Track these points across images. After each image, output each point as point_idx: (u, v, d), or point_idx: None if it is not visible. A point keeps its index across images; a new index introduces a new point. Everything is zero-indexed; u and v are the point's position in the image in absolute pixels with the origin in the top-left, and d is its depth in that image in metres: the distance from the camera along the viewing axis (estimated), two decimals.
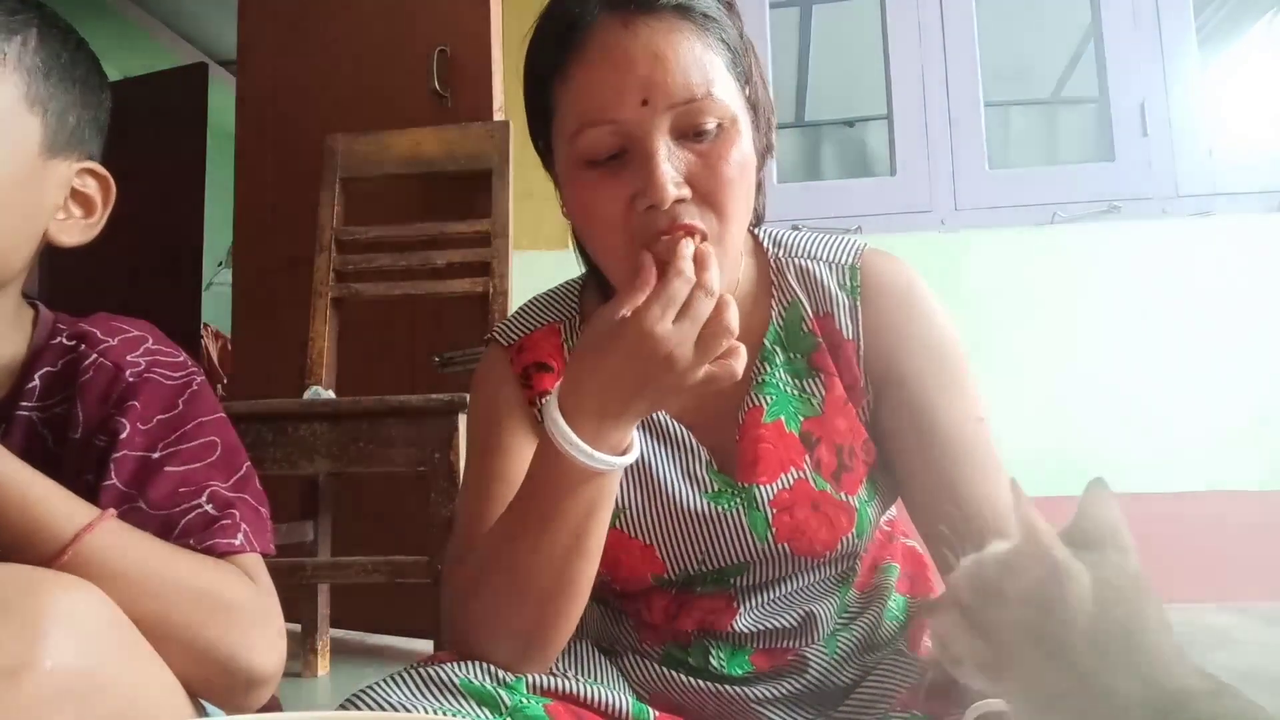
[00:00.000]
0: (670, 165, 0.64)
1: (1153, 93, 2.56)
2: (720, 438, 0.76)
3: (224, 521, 0.66)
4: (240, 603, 0.64)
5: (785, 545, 0.73)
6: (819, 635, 0.77)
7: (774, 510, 0.73)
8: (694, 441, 0.76)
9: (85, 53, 0.71)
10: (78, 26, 0.72)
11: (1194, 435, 2.35)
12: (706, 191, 0.66)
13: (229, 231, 2.63)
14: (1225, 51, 4.46)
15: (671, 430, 0.77)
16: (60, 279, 0.74)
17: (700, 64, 0.65)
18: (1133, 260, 2.44)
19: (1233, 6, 4.23)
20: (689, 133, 0.66)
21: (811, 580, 0.76)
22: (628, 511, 0.75)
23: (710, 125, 0.66)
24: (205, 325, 4.12)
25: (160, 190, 3.85)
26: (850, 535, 0.73)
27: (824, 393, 0.75)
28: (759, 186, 0.75)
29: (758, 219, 0.79)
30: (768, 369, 0.76)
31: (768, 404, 0.75)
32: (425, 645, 1.99)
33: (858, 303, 0.76)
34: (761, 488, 0.73)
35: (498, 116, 2.12)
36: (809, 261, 0.78)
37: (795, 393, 0.75)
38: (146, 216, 3.85)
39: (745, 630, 0.75)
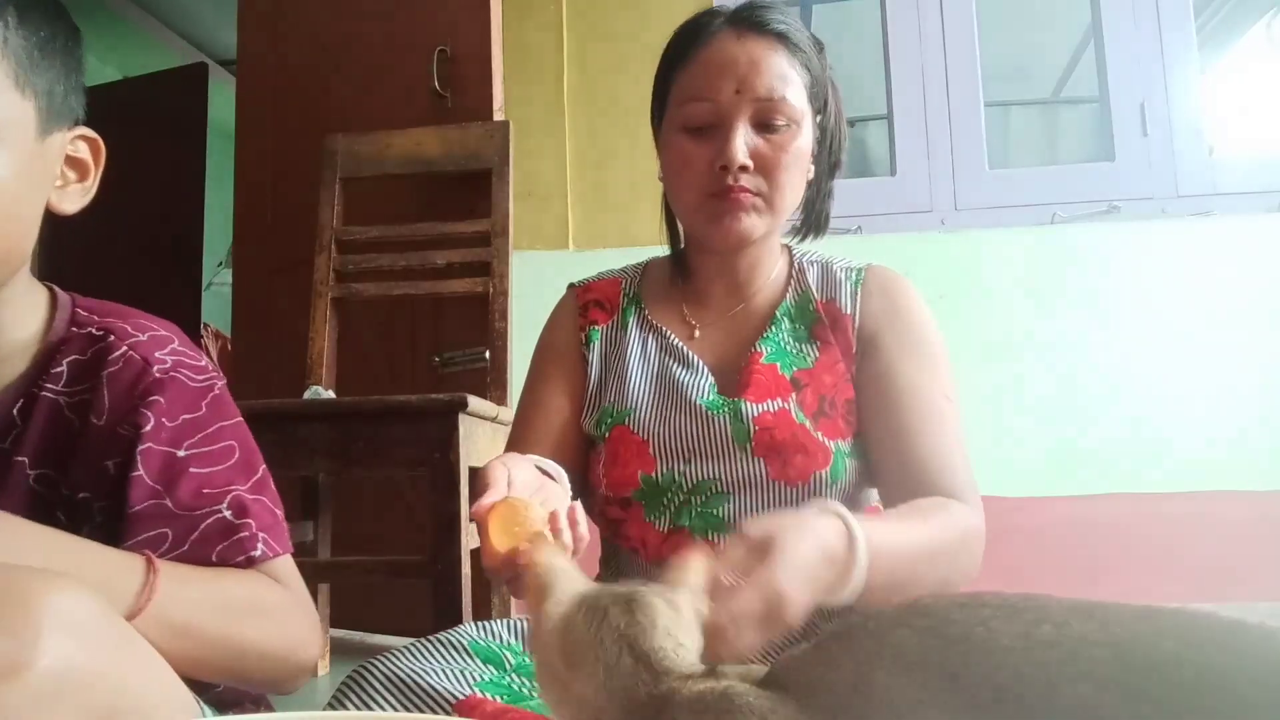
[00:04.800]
0: (743, 141, 0.86)
1: (1153, 93, 2.56)
2: (727, 375, 0.92)
3: (242, 534, 0.69)
4: (279, 604, 0.69)
5: (762, 462, 0.84)
6: None
7: (756, 427, 0.86)
8: (705, 368, 0.93)
9: (62, 17, 0.70)
10: (78, 27, 0.72)
11: (1194, 435, 2.35)
12: (765, 169, 0.87)
13: (229, 231, 2.63)
14: (1225, 51, 4.46)
15: (689, 358, 0.93)
16: (60, 279, 0.73)
17: (783, 76, 0.87)
18: (1133, 260, 2.44)
19: (1233, 7, 4.23)
20: (762, 125, 0.87)
21: None
22: (636, 411, 0.90)
23: (780, 123, 0.87)
24: (205, 325, 4.12)
25: (160, 190, 3.85)
26: (824, 474, 0.84)
27: (817, 354, 0.92)
28: (830, 193, 0.98)
29: (820, 225, 1.00)
30: (773, 330, 0.93)
31: (767, 351, 0.92)
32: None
33: (858, 290, 0.94)
34: (748, 403, 0.87)
35: (498, 116, 2.12)
36: (828, 264, 0.98)
37: (793, 351, 0.92)
38: (146, 217, 3.86)
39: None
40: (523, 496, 0.64)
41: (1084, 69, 4.56)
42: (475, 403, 1.57)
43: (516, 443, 0.92)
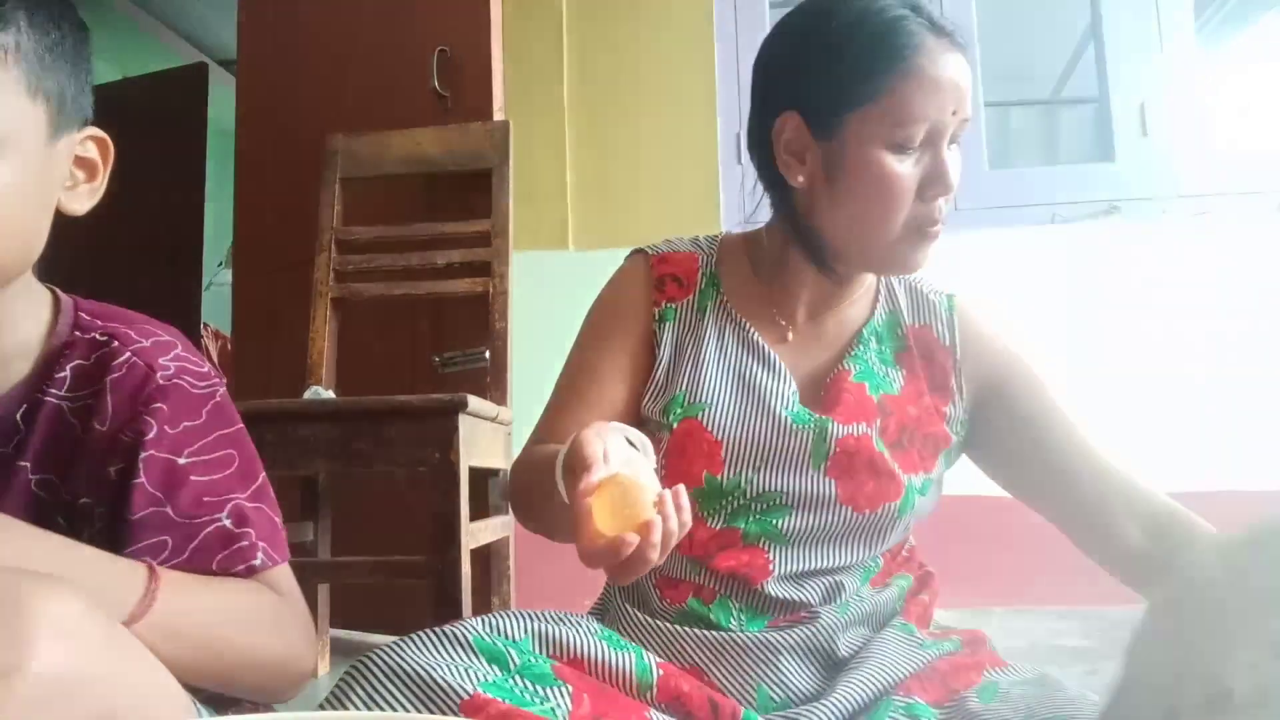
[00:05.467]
0: (951, 166, 0.81)
1: (1153, 93, 2.56)
2: (812, 385, 0.87)
3: (242, 543, 0.69)
4: (276, 613, 0.69)
5: (833, 484, 0.80)
6: (838, 601, 0.81)
7: (837, 448, 0.81)
8: (789, 375, 0.87)
9: (69, 18, 0.70)
10: None
11: (1194, 435, 2.35)
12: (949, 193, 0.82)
13: (229, 231, 2.63)
14: (1225, 51, 4.46)
15: (774, 361, 0.87)
16: (60, 279, 0.73)
17: None
18: (1133, 260, 2.44)
19: (1233, 6, 4.23)
20: (952, 142, 0.82)
21: (842, 551, 0.82)
22: (712, 407, 0.83)
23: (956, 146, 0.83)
24: (205, 325, 4.12)
25: (160, 190, 3.84)
26: (894, 505, 0.80)
27: (903, 382, 0.87)
28: None
29: None
30: (861, 348, 0.88)
31: (856, 369, 0.86)
32: None
33: (955, 319, 0.91)
34: (835, 423, 0.82)
35: (498, 116, 2.12)
36: (915, 285, 0.94)
37: (880, 373, 0.87)
38: (146, 217, 3.86)
39: (773, 595, 0.80)
40: (627, 473, 0.59)
41: (1084, 69, 4.55)
42: (475, 403, 1.57)
43: (561, 411, 0.87)
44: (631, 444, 0.68)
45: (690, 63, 2.60)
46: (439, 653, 0.67)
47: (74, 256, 0.77)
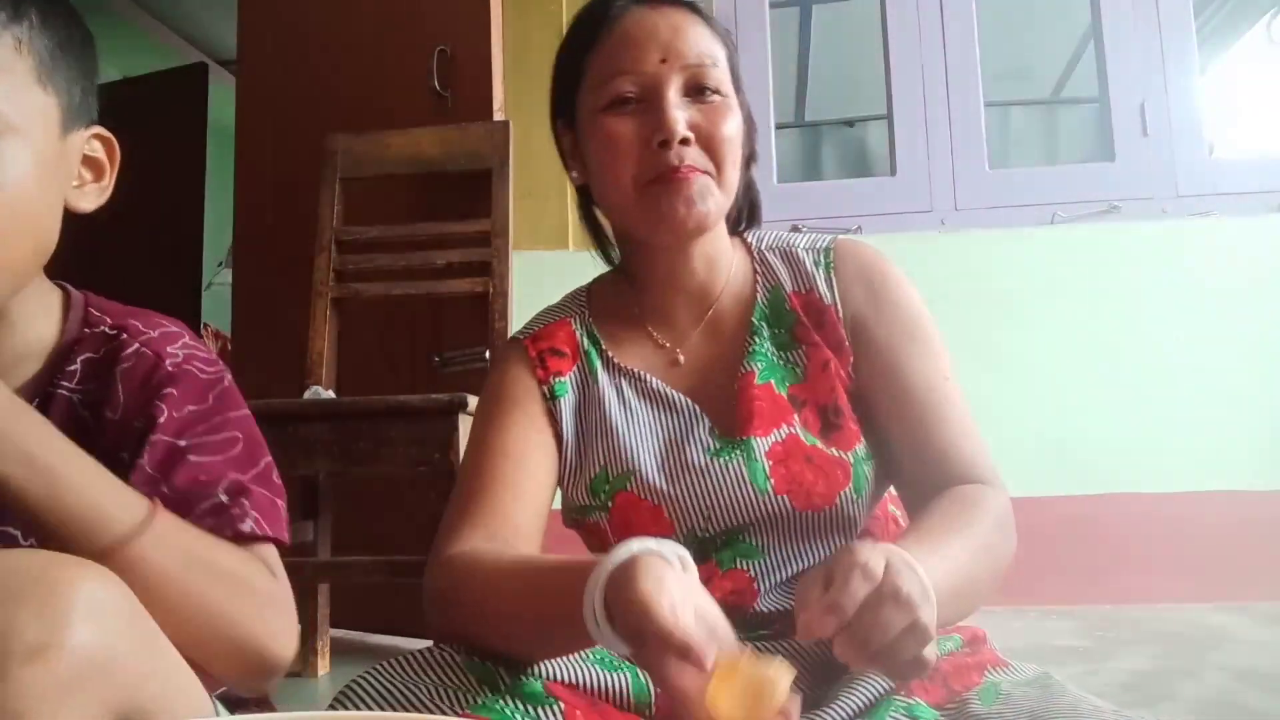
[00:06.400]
0: (679, 111, 0.78)
1: (1153, 93, 2.56)
2: (720, 406, 0.83)
3: (234, 510, 0.69)
4: (266, 590, 0.68)
5: (785, 498, 0.77)
6: None
7: (770, 461, 0.78)
8: (698, 410, 0.83)
9: (75, 17, 0.72)
10: None
11: (1194, 435, 2.35)
12: (708, 140, 0.79)
13: (229, 231, 2.63)
14: (1225, 51, 4.47)
15: (677, 401, 0.84)
16: (59, 278, 0.73)
17: (708, 41, 0.81)
18: (1133, 260, 2.44)
19: (1233, 6, 4.23)
20: (695, 91, 0.79)
21: (818, 546, 0.80)
22: (638, 474, 0.80)
23: (712, 87, 0.80)
24: (205, 325, 4.13)
25: (160, 190, 3.85)
26: (848, 490, 0.78)
27: (806, 362, 0.83)
28: (748, 186, 0.89)
29: (753, 220, 0.92)
30: (756, 341, 0.84)
31: (759, 369, 0.83)
32: (425, 645, 1.99)
33: (832, 274, 0.85)
34: (758, 440, 0.79)
35: (498, 116, 2.12)
36: (790, 249, 0.89)
37: (781, 362, 0.84)
38: (146, 216, 3.86)
39: (768, 611, 0.78)
40: (738, 652, 0.53)
41: (1084, 69, 4.56)
42: (475, 403, 1.57)
43: (481, 499, 0.78)
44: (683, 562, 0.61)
45: None
46: (428, 675, 0.66)
47: (74, 256, 0.78)
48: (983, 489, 0.75)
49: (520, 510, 0.79)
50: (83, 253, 0.76)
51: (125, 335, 0.74)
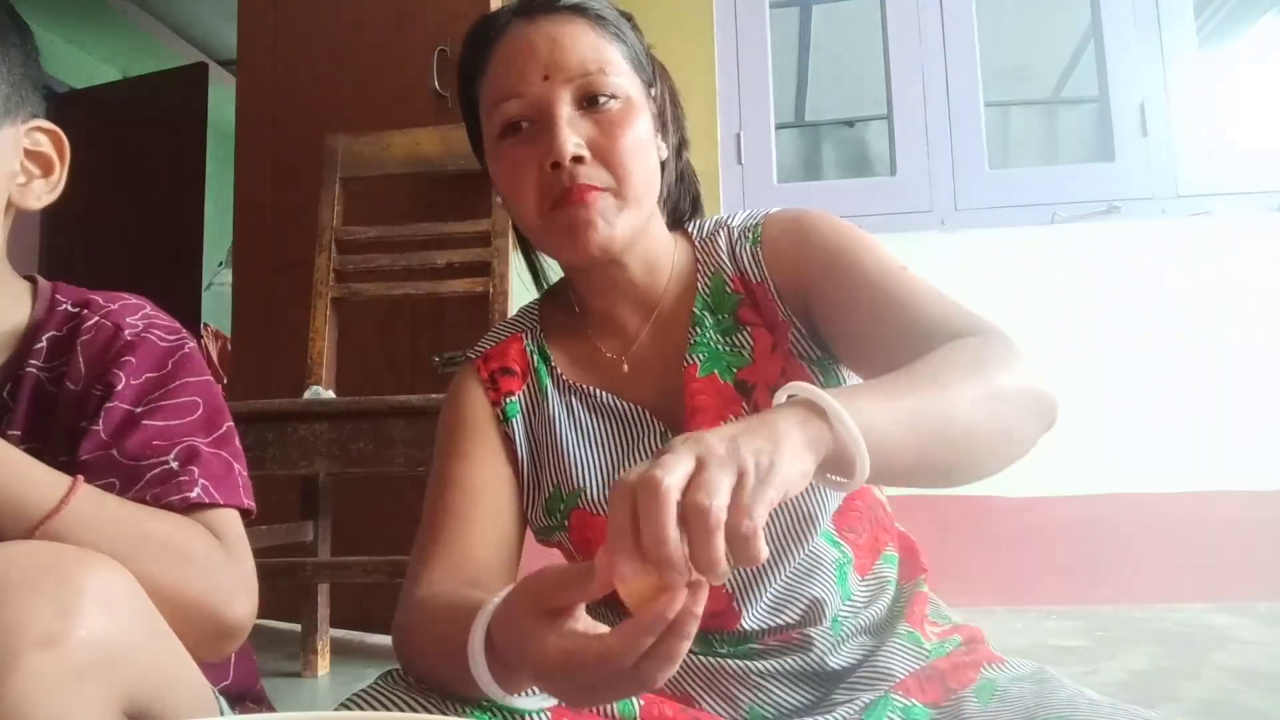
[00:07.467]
0: (570, 129, 0.74)
1: (1153, 93, 2.56)
2: (671, 407, 0.80)
3: (182, 478, 0.68)
4: (203, 553, 0.66)
5: None
6: (825, 619, 0.77)
7: None
8: (649, 416, 0.80)
9: (3, 8, 0.70)
10: (79, 28, 0.72)
11: (1194, 435, 2.35)
12: (604, 153, 0.75)
13: (229, 231, 2.63)
14: (1225, 51, 4.47)
15: (626, 411, 0.81)
16: (58, 278, 0.73)
17: (594, 48, 0.77)
18: (1133, 260, 2.44)
19: (1233, 6, 4.23)
20: (587, 103, 0.76)
21: (801, 559, 0.76)
22: (587, 491, 0.78)
23: (606, 97, 0.75)
24: (205, 325, 4.12)
25: (160, 190, 3.85)
26: None
27: (753, 344, 0.80)
28: (681, 176, 0.88)
29: (693, 210, 0.90)
30: (698, 332, 0.81)
31: (700, 361, 0.80)
32: None
33: (759, 250, 0.82)
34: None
35: None
36: (728, 231, 0.85)
37: (726, 349, 0.80)
38: (146, 216, 3.87)
39: (753, 627, 0.76)
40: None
41: (1084, 69, 4.56)
42: None
43: (446, 538, 0.76)
44: None
45: (690, 63, 2.60)
46: (416, 695, 0.65)
47: (75, 256, 0.78)
48: (959, 340, 0.69)
49: (484, 546, 0.76)
50: (83, 252, 0.76)
51: (86, 310, 0.75)
